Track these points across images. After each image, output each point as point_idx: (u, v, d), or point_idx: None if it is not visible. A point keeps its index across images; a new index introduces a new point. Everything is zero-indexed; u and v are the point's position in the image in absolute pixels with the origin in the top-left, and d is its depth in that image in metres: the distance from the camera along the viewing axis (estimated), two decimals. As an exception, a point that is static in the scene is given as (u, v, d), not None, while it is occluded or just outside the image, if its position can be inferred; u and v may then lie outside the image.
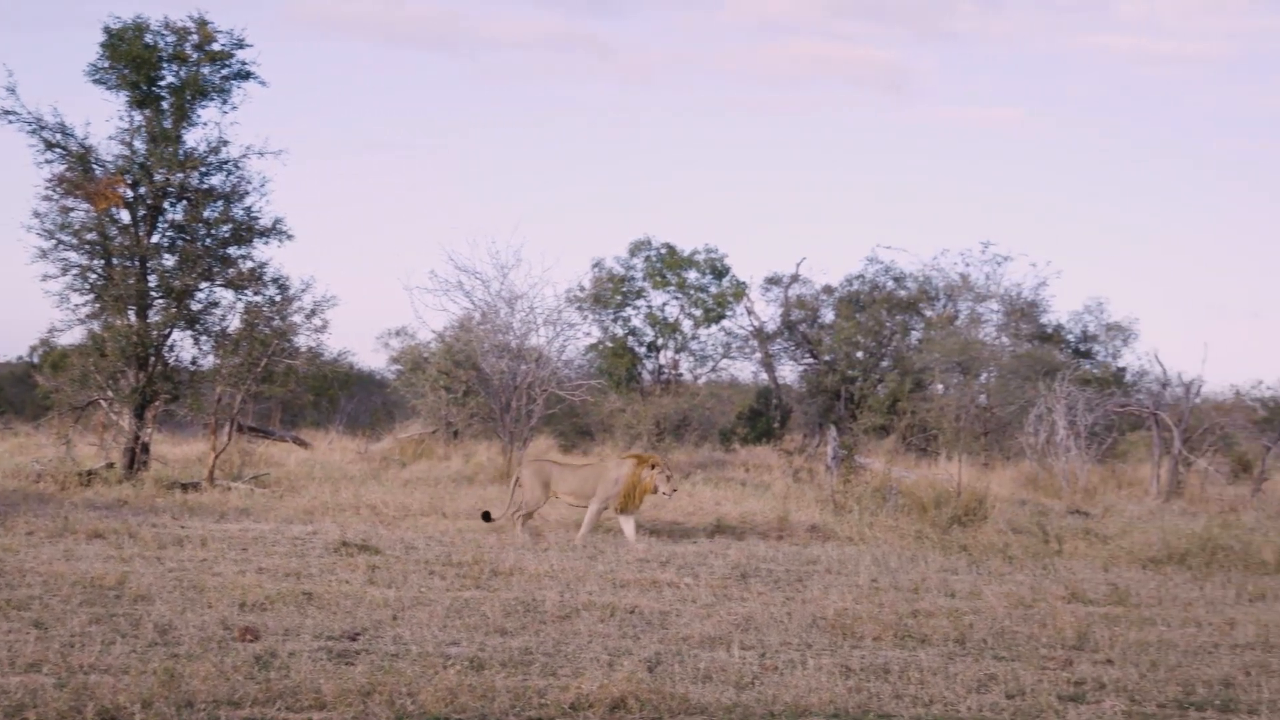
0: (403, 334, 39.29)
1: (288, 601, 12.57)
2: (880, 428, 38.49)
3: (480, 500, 21.85)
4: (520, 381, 27.58)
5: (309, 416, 41.92)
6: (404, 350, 37.68)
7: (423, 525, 19.31)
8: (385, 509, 20.71)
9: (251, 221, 25.45)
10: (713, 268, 40.96)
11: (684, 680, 9.92)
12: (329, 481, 24.05)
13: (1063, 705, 9.75)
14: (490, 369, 29.04)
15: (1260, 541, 19.39)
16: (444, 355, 32.90)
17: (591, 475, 19.38)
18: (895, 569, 16.65)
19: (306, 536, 17.47)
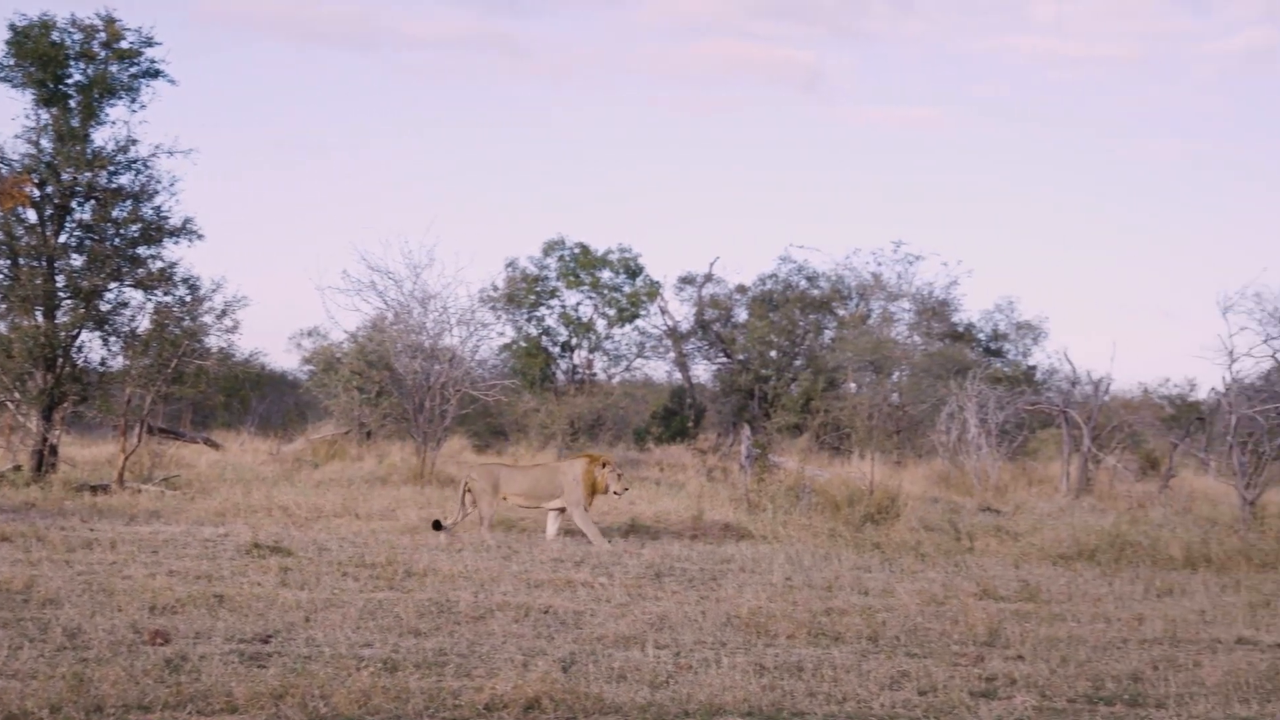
0: (315, 334, 39.11)
1: (199, 604, 12.45)
2: (794, 426, 38.65)
3: (394, 501, 21.74)
4: (434, 382, 27.46)
5: (220, 418, 41.57)
6: (316, 351, 37.47)
7: (336, 526, 19.19)
8: (298, 510, 20.56)
9: (161, 221, 25.20)
10: (626, 267, 41.01)
11: (598, 680, 9.91)
12: (241, 483, 23.84)
13: (974, 701, 9.82)
14: (403, 369, 28.90)
15: (1168, 537, 19.62)
16: (357, 355, 32.73)
17: (544, 477, 19.29)
18: (809, 567, 16.71)
19: (218, 539, 17.32)
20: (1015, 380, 37.04)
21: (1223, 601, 15.26)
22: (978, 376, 30.93)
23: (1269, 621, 13.93)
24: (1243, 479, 22.04)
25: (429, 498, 22.32)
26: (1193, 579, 17.09)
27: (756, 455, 25.23)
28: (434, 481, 25.00)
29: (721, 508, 21.97)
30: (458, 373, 27.93)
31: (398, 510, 20.73)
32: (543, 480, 19.21)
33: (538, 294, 40.41)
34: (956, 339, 42.25)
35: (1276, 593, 16.11)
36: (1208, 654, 11.94)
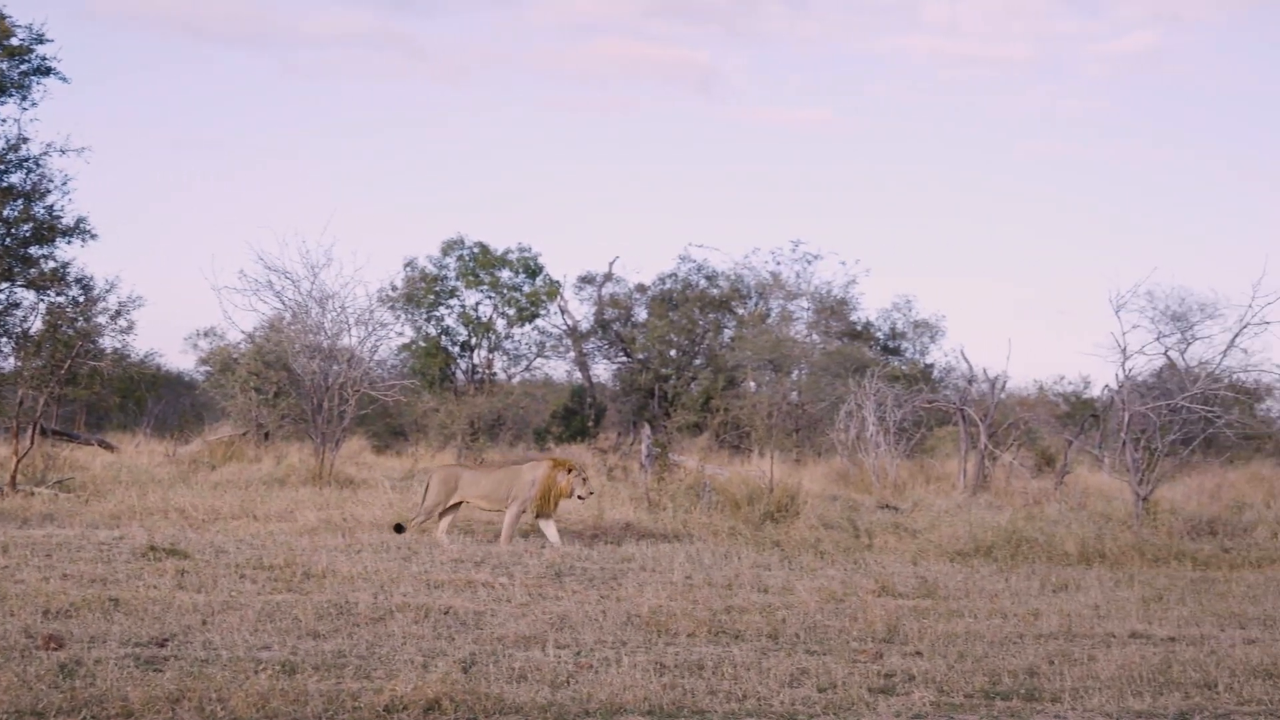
0: (211, 335, 38.78)
1: (93, 608, 12.29)
2: (694, 425, 38.75)
3: (292, 502, 21.56)
4: (332, 382, 27.27)
5: (115, 419, 41.08)
6: (213, 351, 37.15)
7: (233, 528, 19.01)
8: (194, 512, 20.35)
9: (53, 220, 24.91)
10: (526, 267, 40.96)
11: (499, 680, 9.89)
12: (136, 485, 23.55)
13: (873, 697, 9.89)
14: (301, 370, 28.67)
15: (1063, 534, 19.86)
16: (254, 356, 32.47)
17: (505, 479, 19.05)
18: (709, 565, 16.75)
19: (113, 541, 17.09)
20: (913, 378, 37.32)
21: (1117, 596, 15.46)
22: (876, 375, 31.11)
23: (1162, 615, 14.13)
24: (1136, 475, 22.32)
25: (328, 499, 22.16)
26: (1087, 574, 17.29)
27: (657, 454, 25.27)
28: (333, 483, 24.81)
29: (622, 507, 21.98)
30: (356, 373, 27.75)
31: (296, 512, 20.56)
32: (505, 482, 18.98)
33: (437, 294, 40.27)
34: (855, 338, 42.52)
35: (1169, 587, 16.34)
36: (1102, 648, 12.09)
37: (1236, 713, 9.87)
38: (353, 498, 22.27)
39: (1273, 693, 10.45)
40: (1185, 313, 32.57)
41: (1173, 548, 19.63)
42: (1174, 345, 29.87)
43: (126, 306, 24.95)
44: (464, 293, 40.70)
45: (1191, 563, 18.94)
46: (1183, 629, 13.34)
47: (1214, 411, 23.46)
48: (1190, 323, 32.06)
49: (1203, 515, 22.35)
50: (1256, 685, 10.65)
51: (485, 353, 41.55)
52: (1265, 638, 12.95)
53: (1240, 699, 10.26)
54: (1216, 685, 10.61)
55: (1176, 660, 11.46)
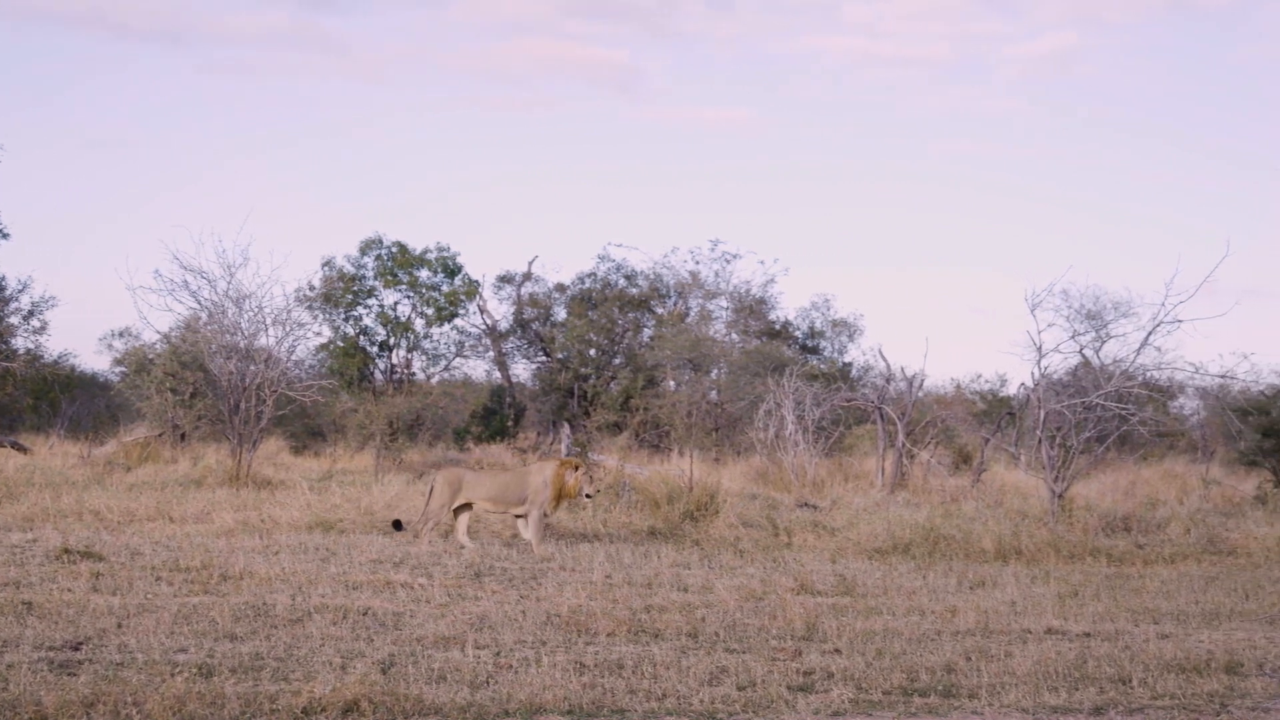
0: (127, 335, 38.42)
1: (6, 612, 12.16)
2: (613, 424, 38.77)
3: (209, 504, 21.39)
4: (249, 382, 27.06)
5: (28, 421, 40.56)
6: (128, 352, 36.79)
7: (149, 530, 18.86)
8: (109, 514, 20.16)
9: (-37, 220, 24.55)
10: (445, 266, 40.82)
11: (418, 681, 9.86)
12: (50, 487, 23.29)
13: (792, 695, 9.93)
14: (218, 370, 28.43)
15: (980, 531, 20.02)
16: (170, 357, 32.18)
17: (512, 482, 18.97)
18: (629, 565, 16.77)
19: (26, 544, 16.92)
20: (831, 377, 37.45)
21: (1033, 592, 15.59)
22: (794, 373, 31.21)
23: (1077, 611, 14.26)
24: (1051, 472, 22.51)
25: (245, 500, 22.01)
26: (1004, 571, 17.44)
27: (576, 453, 25.25)
28: (250, 484, 24.64)
29: (542, 506, 21.95)
30: (274, 373, 27.55)
31: (213, 513, 20.41)
32: (512, 485, 18.90)
33: (355, 293, 40.04)
34: (773, 336, 42.65)
35: (1084, 583, 16.50)
36: (1018, 644, 12.19)
37: (1150, 707, 9.98)
38: (270, 499, 22.13)
39: (1186, 687, 10.57)
40: (1100, 311, 32.84)
41: (1088, 544, 19.83)
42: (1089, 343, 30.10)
43: (40, 307, 24.74)
44: (382, 292, 40.49)
45: (1106, 559, 19.14)
46: (1098, 624, 13.47)
47: (1128, 409, 23.68)
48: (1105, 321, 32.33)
49: (1117, 512, 22.56)
50: (1170, 679, 10.77)
51: (404, 352, 41.36)
52: (1178, 632, 13.10)
53: (1154, 693, 10.37)
54: (1131, 680, 10.73)
55: (1092, 656, 11.58)
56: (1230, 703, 10.16)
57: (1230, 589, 16.16)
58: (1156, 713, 9.81)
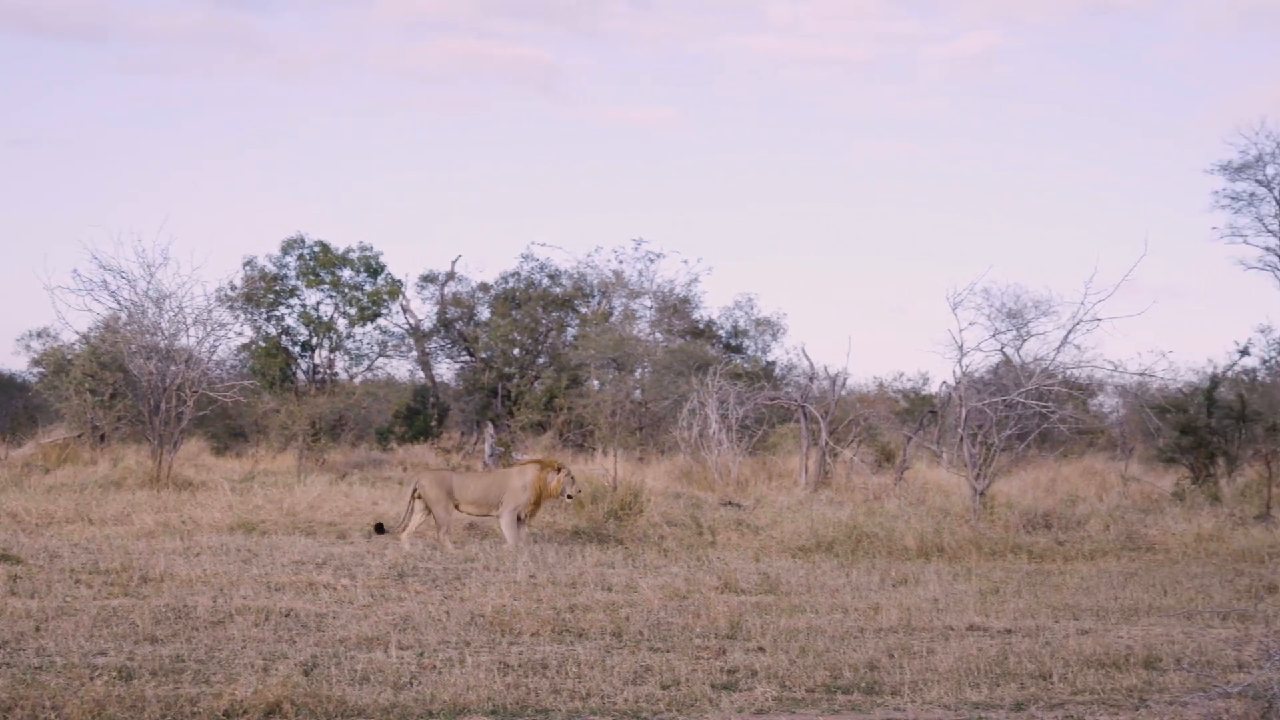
0: (45, 335, 37.97)
1: (-78, 616, 12.02)
2: (537, 424, 38.71)
3: (129, 505, 21.20)
4: (170, 383, 26.84)
5: (-56, 423, 40.15)
6: (46, 352, 36.41)
7: (68, 533, 18.68)
8: (27, 517, 19.96)
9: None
10: (367, 266, 40.64)
11: (341, 682, 9.81)
12: (-34, 490, 23.05)
13: (716, 693, 9.95)
14: (138, 371, 28.20)
15: (903, 529, 20.13)
16: (89, 357, 31.88)
17: (494, 485, 19.17)
18: (553, 564, 16.76)
19: (-58, 547, 16.73)
20: (755, 376, 37.55)
21: (955, 589, 15.70)
22: (718, 373, 31.26)
23: (998, 608, 14.37)
24: (973, 470, 22.67)
25: (166, 501, 21.84)
26: (926, 568, 17.55)
27: (500, 453, 25.23)
28: (171, 485, 24.45)
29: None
30: (194, 374, 27.35)
31: (133, 515, 20.24)
32: (494, 487, 19.13)
33: (277, 293, 39.79)
34: (697, 336, 42.69)
35: (1006, 580, 16.62)
36: (941, 641, 12.27)
37: (1071, 702, 10.07)
38: (191, 500, 21.97)
39: (1105, 682, 10.67)
40: (1020, 310, 33.14)
41: (1009, 541, 19.98)
42: (1009, 342, 30.43)
43: (-44, 307, 24.30)
44: (304, 292, 40.26)
45: (1027, 556, 19.30)
46: (1019, 621, 13.57)
47: (1048, 407, 23.90)
48: (1025, 320, 32.63)
49: (1038, 509, 22.75)
50: (1090, 675, 10.87)
51: (326, 352, 41.14)
52: (1098, 628, 13.22)
53: (1074, 689, 10.46)
54: (1051, 676, 10.82)
55: (1013, 652, 11.67)
56: (1149, 697, 10.27)
57: (1149, 585, 16.32)
58: (1076, 708, 9.90)
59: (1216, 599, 15.34)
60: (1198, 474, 27.75)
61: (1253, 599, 15.22)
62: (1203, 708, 9.65)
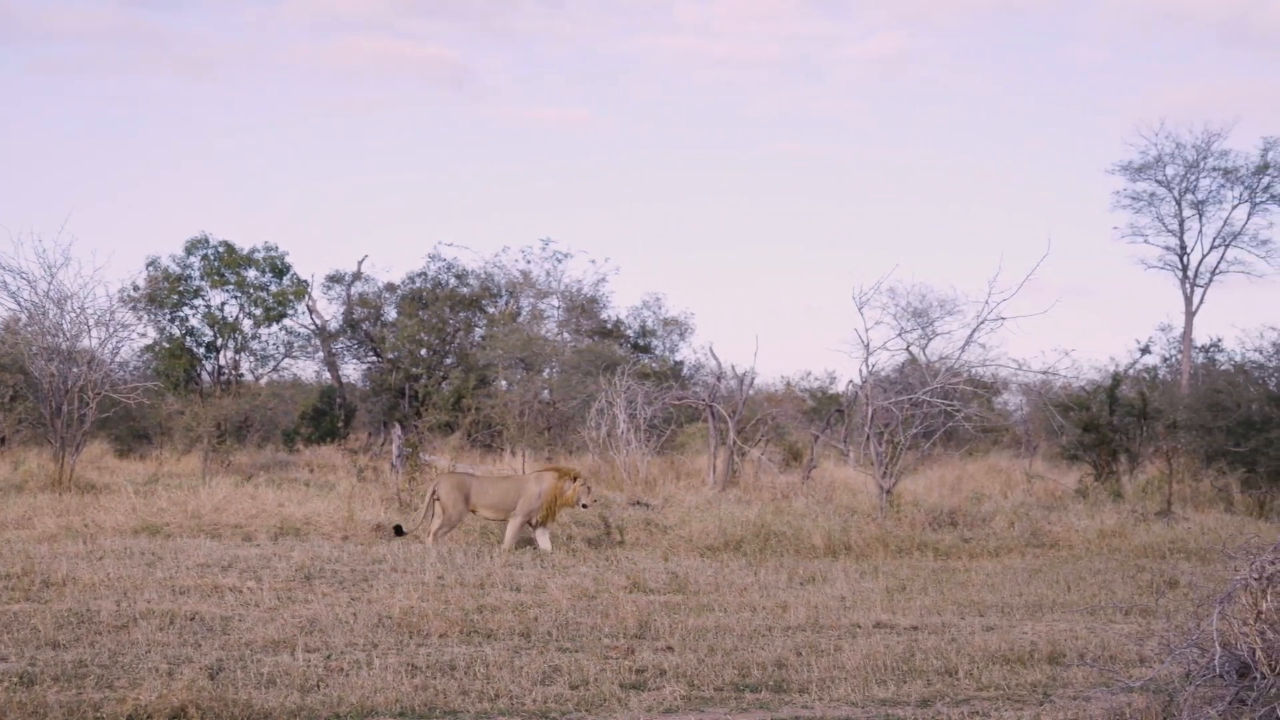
0: (-57, 337, 37.39)
1: None
2: (445, 424, 38.57)
3: (30, 509, 20.93)
4: (72, 385, 26.53)
5: None
6: (-56, 355, 35.88)
7: (-32, 537, 18.42)
8: (-74, 521, 19.67)
9: None
10: (273, 266, 40.35)
11: (247, 686, 9.74)
12: None
13: (625, 693, 9.96)
14: (39, 372, 27.83)
15: (810, 527, 20.23)
16: (-12, 359, 31.45)
17: (512, 489, 19.32)
18: (461, 565, 16.71)
19: None
20: (663, 376, 37.60)
21: (862, 587, 15.80)
22: (626, 372, 31.29)
23: (905, 605, 14.47)
24: (880, 469, 22.82)
25: (68, 505, 21.56)
26: (834, 566, 17.64)
27: (408, 454, 25.11)
28: (73, 488, 24.16)
29: (373, 508, 21.78)
30: (97, 375, 27.05)
31: (34, 518, 19.98)
32: (511, 492, 19.30)
33: (181, 294, 39.42)
34: (605, 335, 42.73)
35: (912, 577, 16.74)
36: (848, 638, 12.34)
37: (976, 698, 10.15)
38: (94, 503, 21.70)
39: (1010, 678, 10.78)
40: (926, 309, 33.37)
41: (915, 539, 20.13)
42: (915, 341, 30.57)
43: None
44: (209, 293, 39.92)
45: (933, 553, 19.45)
46: (925, 618, 13.68)
47: (954, 405, 24.09)
48: (931, 319, 32.85)
49: (943, 507, 22.95)
50: (995, 671, 10.98)
51: (231, 353, 40.81)
52: (1003, 624, 13.35)
53: (980, 685, 10.56)
54: (957, 672, 10.91)
55: (919, 648, 11.75)
56: (1053, 692, 10.38)
57: (1053, 581, 16.49)
58: (982, 703, 9.99)
59: (1119, 595, 15.53)
60: (1100, 471, 28.07)
61: (1154, 594, 15.41)
62: (1106, 702, 9.76)
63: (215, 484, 24.53)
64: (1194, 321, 46.56)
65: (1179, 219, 47.25)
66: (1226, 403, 27.28)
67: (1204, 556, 18.97)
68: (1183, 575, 16.29)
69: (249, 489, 23.69)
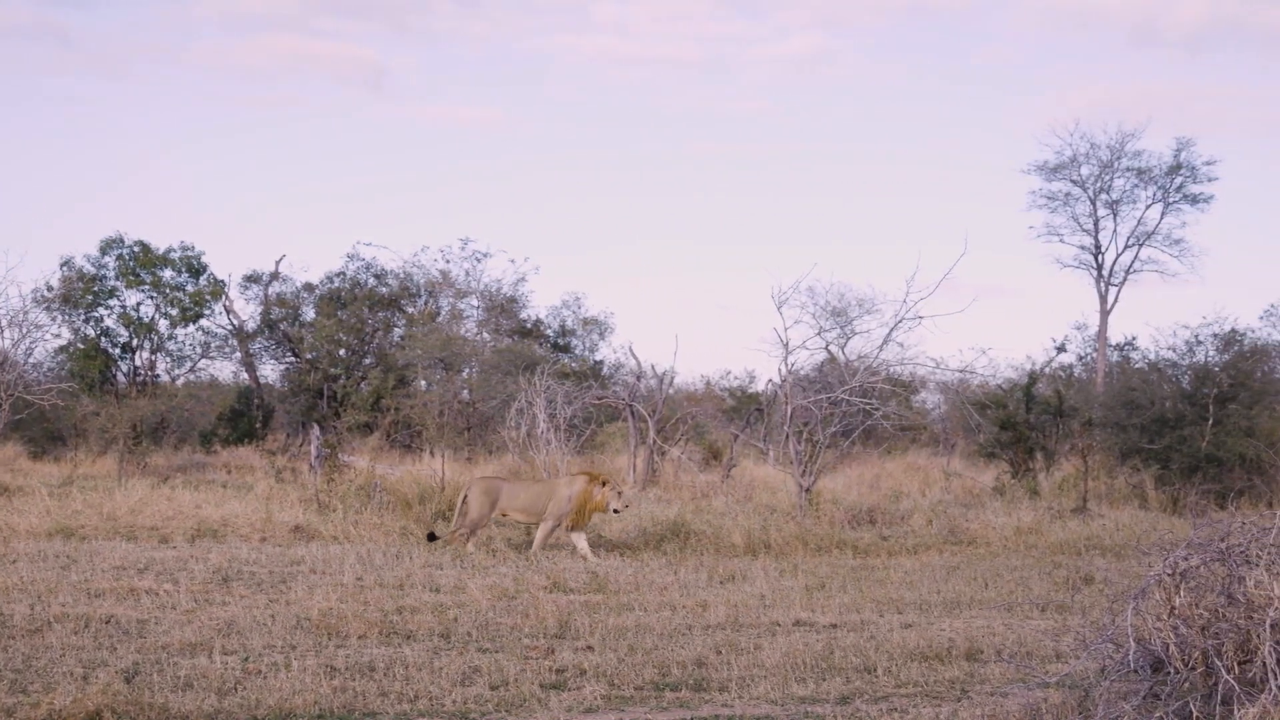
0: None
1: None
2: (364, 425, 38.36)
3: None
4: (-16, 386, 26.24)
5: None
6: None
7: (-123, 541, 18.16)
8: None
9: None
10: (189, 266, 40.01)
11: (163, 689, 9.66)
12: None
13: (545, 693, 9.95)
14: (-49, 374, 27.54)
15: (730, 526, 20.28)
16: (-101, 361, 31.04)
17: (543, 493, 19.25)
18: (380, 566, 16.64)
19: None
20: (583, 375, 37.58)
21: (781, 586, 15.84)
22: (546, 372, 31.24)
23: (824, 603, 14.53)
24: (799, 467, 22.89)
25: (-19, 507, 21.31)
26: (753, 565, 17.68)
27: (326, 455, 24.97)
28: (-14, 490, 23.87)
29: (291, 509, 21.64)
30: (10, 377, 26.78)
31: (-54, 522, 19.74)
32: (542, 496, 19.24)
33: (96, 294, 39.02)
34: (525, 335, 42.65)
35: (831, 575, 16.81)
36: (768, 637, 12.38)
37: (895, 695, 10.21)
38: (7, 505, 21.45)
39: (929, 674, 10.85)
40: (845, 308, 33.59)
41: (834, 537, 20.22)
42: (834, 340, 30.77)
43: None
44: (124, 293, 39.53)
45: (852, 551, 19.54)
46: (844, 616, 13.74)
47: (872, 404, 24.21)
48: (849, 318, 33.09)
49: (862, 505, 23.07)
50: (913, 668, 11.05)
51: (147, 354, 40.45)
52: (921, 621, 13.43)
53: (898, 681, 10.62)
54: (876, 669, 10.97)
55: (838, 646, 11.81)
56: (970, 689, 10.46)
57: (970, 578, 16.61)
58: (900, 700, 10.05)
59: (1035, 591, 15.66)
60: (1017, 469, 28.30)
61: (1070, 591, 15.55)
62: (1022, 698, 9.84)
63: (131, 486, 24.30)
64: (1109, 320, 47.07)
65: (1094, 219, 47.76)
66: (1141, 400, 27.55)
67: (1119, 553, 19.17)
68: (1098, 571, 16.44)
69: (165, 491, 23.49)
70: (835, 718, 9.55)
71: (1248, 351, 28.55)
